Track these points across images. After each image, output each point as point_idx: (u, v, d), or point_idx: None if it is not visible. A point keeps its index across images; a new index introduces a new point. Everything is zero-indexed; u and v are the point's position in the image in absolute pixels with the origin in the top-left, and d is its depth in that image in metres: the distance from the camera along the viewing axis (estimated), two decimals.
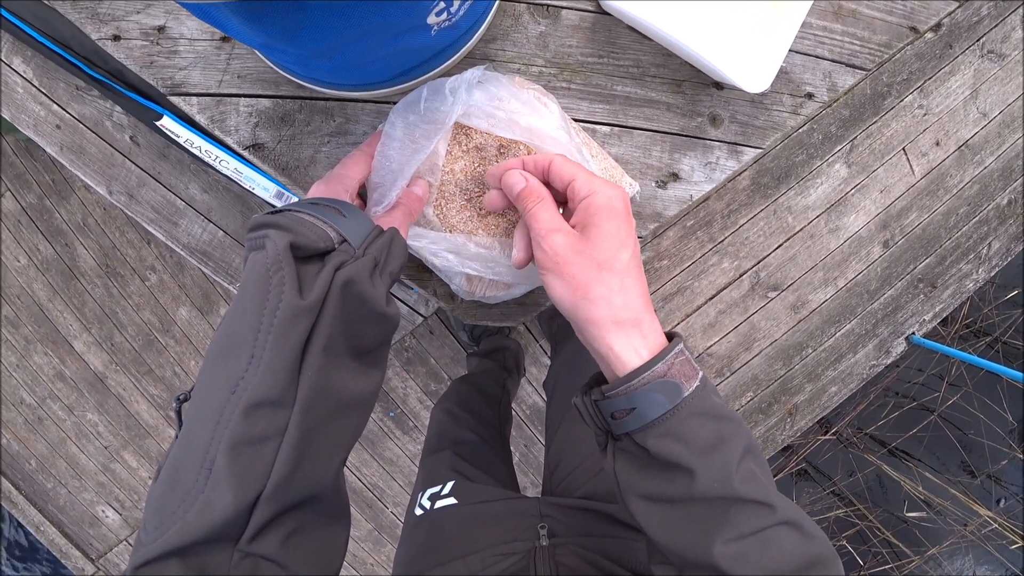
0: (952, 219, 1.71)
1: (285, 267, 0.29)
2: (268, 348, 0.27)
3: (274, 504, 0.27)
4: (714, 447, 0.30)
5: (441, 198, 0.41)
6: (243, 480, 0.26)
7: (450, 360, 1.67)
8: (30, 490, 1.88)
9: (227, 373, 0.28)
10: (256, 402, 0.27)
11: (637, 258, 0.34)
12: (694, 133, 0.50)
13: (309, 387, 0.28)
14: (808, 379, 1.70)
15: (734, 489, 0.29)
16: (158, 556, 0.25)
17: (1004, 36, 1.64)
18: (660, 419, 0.31)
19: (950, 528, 1.90)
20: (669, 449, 0.30)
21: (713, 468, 0.30)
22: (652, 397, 0.31)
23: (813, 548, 0.30)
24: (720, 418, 0.32)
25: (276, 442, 0.27)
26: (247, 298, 0.29)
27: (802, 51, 0.51)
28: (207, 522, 0.26)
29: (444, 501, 0.63)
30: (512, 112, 0.37)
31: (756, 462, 0.32)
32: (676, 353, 0.32)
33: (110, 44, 0.47)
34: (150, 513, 0.27)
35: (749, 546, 0.29)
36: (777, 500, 0.31)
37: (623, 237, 0.33)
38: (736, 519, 0.30)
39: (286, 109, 0.46)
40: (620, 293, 0.32)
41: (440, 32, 0.38)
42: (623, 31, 0.49)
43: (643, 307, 0.33)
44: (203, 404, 0.28)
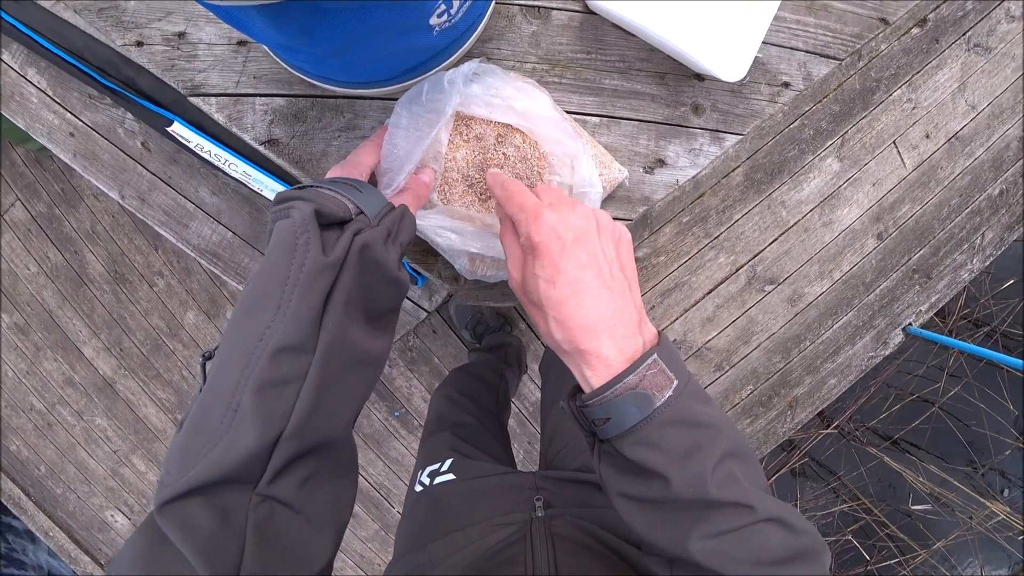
0: (945, 210, 1.73)
1: (311, 230, 0.32)
2: (294, 299, 0.30)
3: (293, 445, 0.29)
4: (689, 454, 0.31)
5: (445, 184, 0.44)
6: (267, 419, 0.28)
7: (453, 359, 1.70)
8: (39, 496, 1.90)
9: (255, 324, 0.30)
10: (281, 347, 0.29)
11: (571, 284, 0.33)
12: (678, 122, 0.53)
13: (329, 337, 0.31)
14: (807, 371, 1.73)
15: (708, 494, 0.31)
16: (182, 494, 0.27)
17: (989, 30, 1.68)
18: (634, 428, 0.32)
19: (955, 521, 1.90)
20: (643, 456, 0.32)
21: (687, 474, 0.31)
22: (624, 408, 0.32)
23: (799, 542, 0.31)
24: (697, 425, 0.32)
25: (297, 385, 0.30)
26: (275, 257, 0.32)
27: (778, 43, 0.54)
28: (231, 460, 0.27)
29: (443, 477, 0.65)
30: (507, 98, 0.41)
31: (740, 465, 0.33)
32: (648, 365, 0.33)
33: (133, 49, 0.50)
34: (174, 456, 0.29)
35: (727, 542, 0.31)
36: (758, 501, 0.31)
37: (547, 273, 0.34)
38: (713, 519, 0.31)
39: (299, 107, 0.50)
40: (557, 329, 0.34)
41: (441, 32, 0.41)
42: (609, 29, 0.52)
43: (585, 335, 0.33)
44: (230, 353, 0.30)
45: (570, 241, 0.34)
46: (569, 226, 0.34)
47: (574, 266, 0.34)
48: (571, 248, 0.34)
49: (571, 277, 0.34)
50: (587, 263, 0.34)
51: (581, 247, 0.34)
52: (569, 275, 0.34)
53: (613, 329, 0.33)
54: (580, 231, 0.34)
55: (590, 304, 0.33)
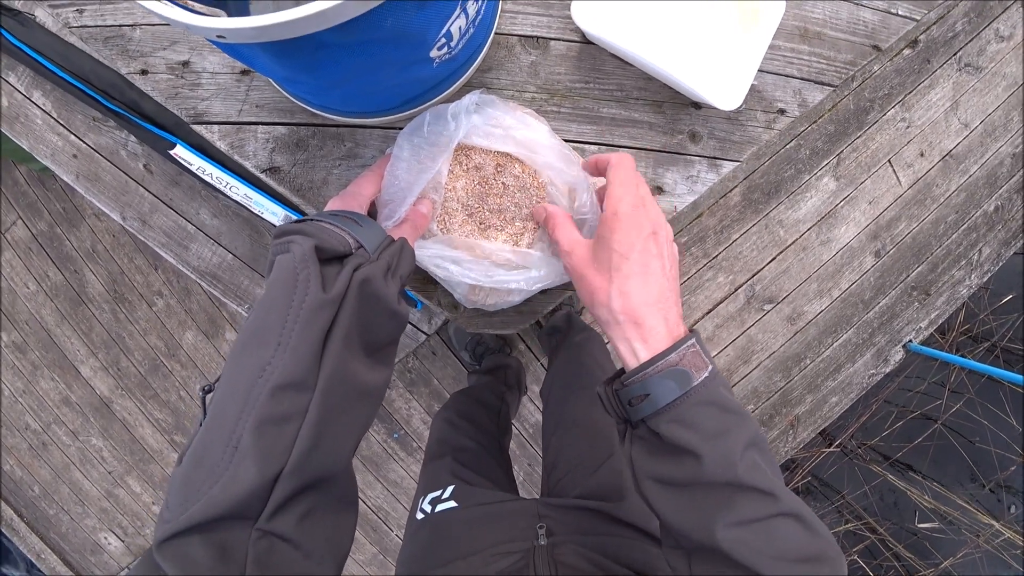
0: (941, 227, 1.74)
1: (311, 266, 0.32)
2: (295, 336, 0.30)
3: (293, 481, 0.29)
4: (719, 435, 0.33)
5: (444, 213, 0.45)
6: (267, 456, 0.28)
7: (453, 380, 1.69)
8: (32, 517, 1.87)
9: (255, 359, 0.30)
10: (282, 384, 0.29)
11: (643, 264, 0.37)
12: (675, 149, 0.54)
13: (329, 373, 0.31)
14: (808, 390, 1.72)
15: (737, 475, 0.32)
16: (181, 531, 0.27)
17: (979, 50, 1.71)
18: (671, 405, 0.34)
19: (962, 539, 1.88)
20: (678, 434, 0.33)
21: (718, 454, 0.32)
22: (664, 383, 0.34)
23: (817, 544, 0.32)
24: (727, 410, 0.34)
25: (298, 422, 0.30)
26: (275, 293, 0.32)
27: (773, 71, 0.55)
28: (231, 496, 0.27)
29: (445, 504, 0.64)
30: (507, 128, 0.41)
31: (762, 455, 0.34)
32: (688, 345, 0.35)
33: (138, 77, 0.51)
34: (174, 491, 0.29)
35: (751, 532, 0.31)
36: (780, 491, 0.32)
37: (624, 248, 0.37)
38: (739, 505, 0.32)
39: (300, 135, 0.50)
40: (619, 298, 0.36)
41: (441, 64, 0.42)
42: (607, 58, 0.53)
43: (644, 309, 0.36)
44: (231, 389, 0.31)
45: (648, 232, 0.38)
46: (651, 219, 0.39)
47: (646, 251, 0.37)
48: (649, 238, 0.38)
49: (644, 259, 0.37)
50: (656, 254, 0.38)
51: (654, 240, 0.38)
52: (642, 257, 0.37)
53: (667, 311, 0.37)
54: (657, 225, 0.39)
55: (653, 285, 0.37)
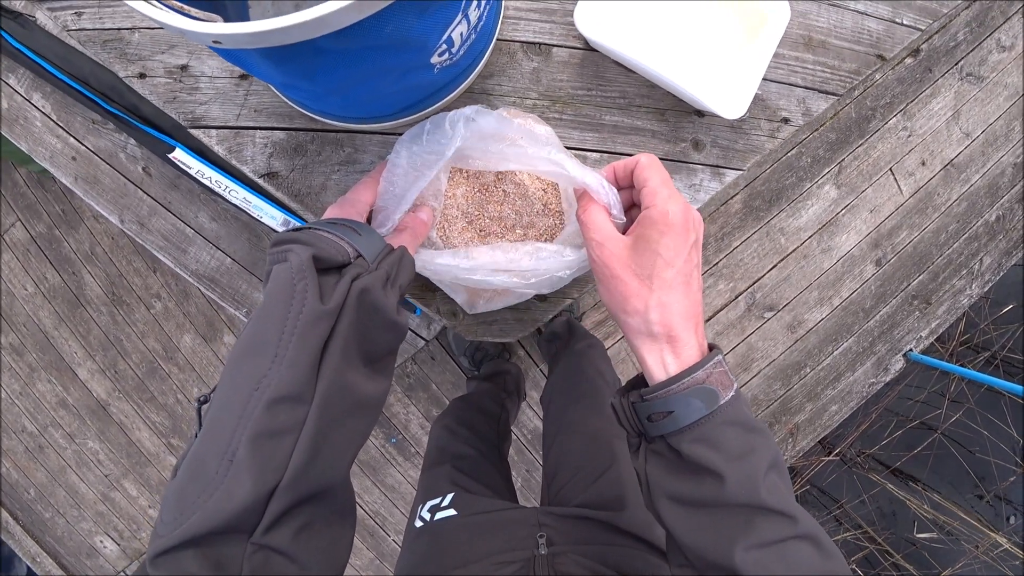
0: (942, 236, 1.74)
1: (308, 276, 0.31)
2: (291, 347, 0.30)
3: (289, 495, 0.29)
4: (744, 456, 0.32)
5: (444, 221, 0.44)
6: (263, 469, 0.28)
7: (451, 386, 1.68)
8: (28, 520, 1.86)
9: (251, 371, 0.30)
10: (278, 397, 0.29)
11: (687, 275, 0.35)
12: (678, 157, 0.53)
13: (327, 385, 0.30)
14: (808, 398, 1.71)
15: (760, 498, 0.31)
16: (176, 546, 0.26)
17: (981, 59, 1.71)
18: (695, 424, 0.32)
19: (961, 549, 1.86)
20: (701, 453, 0.32)
21: (742, 475, 0.31)
22: (690, 402, 0.33)
23: (829, 566, 0.31)
24: (751, 429, 0.33)
25: (295, 435, 0.29)
26: (272, 304, 0.31)
27: (777, 80, 0.55)
28: (227, 510, 0.27)
29: (444, 513, 0.63)
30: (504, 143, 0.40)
31: (780, 476, 0.33)
32: (715, 363, 0.34)
33: (136, 81, 0.50)
34: (168, 505, 0.28)
35: (769, 555, 0.30)
36: (799, 513, 0.32)
37: (671, 254, 0.34)
38: (759, 527, 0.31)
39: (299, 140, 0.50)
40: (657, 310, 0.34)
41: (442, 70, 0.41)
42: (609, 66, 0.53)
43: (682, 324, 0.34)
44: (226, 401, 0.30)
45: (693, 240, 0.36)
46: (695, 226, 0.37)
47: (690, 262, 0.36)
48: (693, 246, 0.36)
49: (687, 269, 0.35)
50: (696, 264, 0.36)
51: (697, 250, 0.37)
52: (687, 266, 0.35)
53: (699, 324, 0.35)
54: (698, 235, 0.37)
55: (693, 298, 0.35)
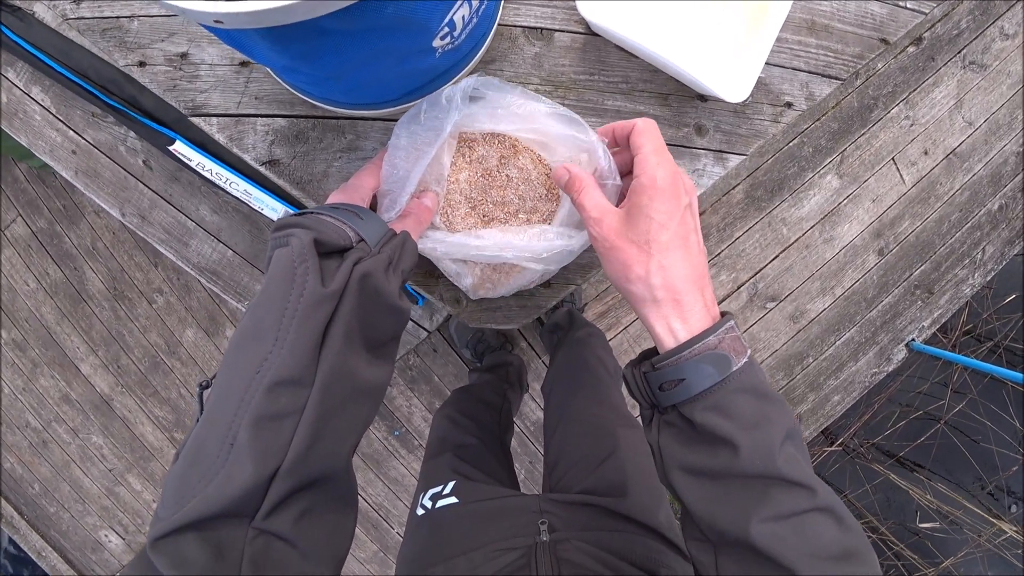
0: (945, 226, 1.74)
1: (309, 259, 0.31)
2: (292, 331, 0.30)
3: (291, 479, 0.29)
4: (758, 424, 0.31)
5: (447, 206, 0.44)
6: (264, 453, 0.28)
7: (454, 378, 1.68)
8: (32, 515, 1.87)
9: (252, 355, 0.30)
10: (278, 381, 0.29)
11: (683, 237, 0.34)
12: (681, 142, 0.53)
13: (328, 369, 0.30)
14: (810, 388, 1.71)
15: (776, 468, 0.30)
16: (176, 529, 0.26)
17: (984, 47, 1.70)
18: (708, 391, 0.32)
19: (964, 538, 1.87)
20: (715, 422, 0.31)
21: (757, 444, 0.30)
22: (702, 368, 0.32)
23: (849, 539, 0.30)
24: (765, 397, 0.32)
25: (295, 419, 0.29)
26: (273, 287, 0.31)
27: (780, 64, 0.54)
28: (227, 494, 0.27)
29: (445, 500, 0.64)
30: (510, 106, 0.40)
31: (796, 446, 0.32)
32: (727, 328, 0.33)
33: (136, 70, 0.50)
34: (169, 489, 0.28)
35: (786, 528, 0.29)
36: (818, 484, 0.31)
37: (663, 218, 0.34)
38: (775, 499, 0.30)
39: (300, 127, 0.50)
40: (658, 273, 0.34)
41: (444, 54, 0.41)
42: (612, 50, 0.52)
43: (685, 286, 0.34)
44: (227, 386, 0.30)
45: (686, 202, 0.36)
46: (688, 190, 0.36)
47: (685, 224, 0.35)
48: (686, 209, 0.35)
49: (682, 231, 0.35)
50: (693, 227, 0.36)
51: (691, 213, 0.36)
52: (682, 229, 0.35)
53: (705, 289, 0.35)
54: (692, 199, 0.36)
55: (694, 260, 0.35)
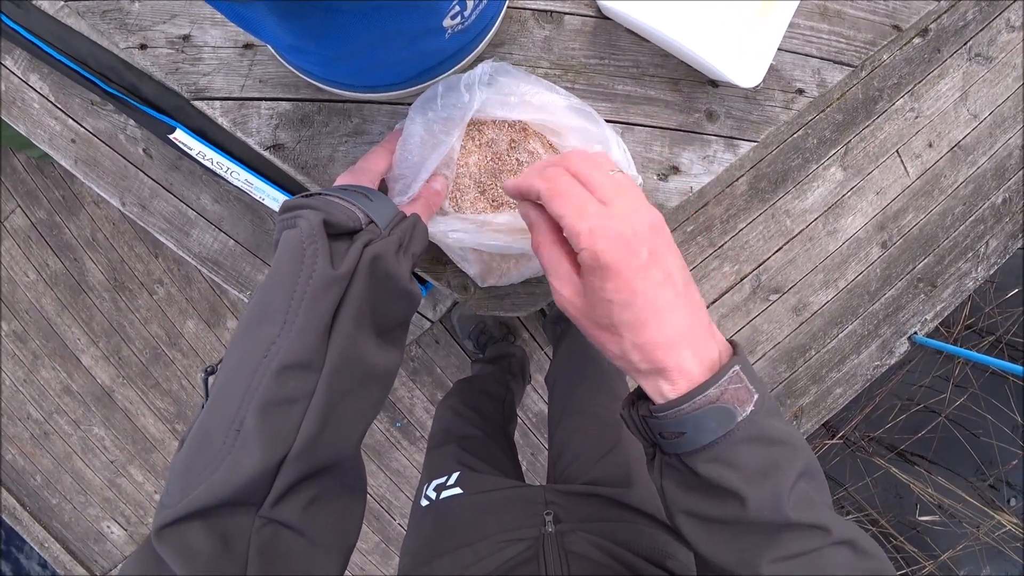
0: (948, 219, 1.73)
1: (319, 241, 0.30)
2: (301, 314, 0.29)
3: (299, 466, 0.28)
4: (766, 473, 0.29)
5: (456, 190, 0.43)
6: (271, 439, 0.27)
7: (456, 369, 1.68)
8: (35, 506, 1.88)
9: (260, 339, 0.29)
10: (287, 365, 0.28)
11: (651, 302, 0.30)
12: (692, 128, 0.52)
13: (337, 354, 0.30)
14: (812, 381, 1.71)
15: (785, 516, 0.29)
16: (181, 517, 0.26)
17: (990, 39, 1.68)
18: (710, 444, 0.29)
19: (963, 531, 1.88)
20: (718, 474, 0.29)
21: (764, 494, 0.29)
22: (703, 422, 0.29)
23: (867, 564, 0.29)
24: (774, 442, 0.30)
25: (304, 404, 0.28)
26: (281, 269, 0.30)
27: (792, 50, 0.53)
28: (234, 482, 0.26)
29: (450, 491, 0.63)
30: (523, 94, 0.40)
31: (812, 484, 0.31)
32: (730, 378, 0.29)
33: (137, 53, 0.49)
34: (174, 476, 0.27)
35: (799, 565, 0.29)
36: (832, 522, 0.30)
37: (622, 297, 0.30)
38: (786, 542, 0.29)
39: (305, 111, 0.49)
40: (634, 352, 0.30)
41: (453, 36, 0.40)
42: (622, 34, 0.51)
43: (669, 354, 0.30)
44: (234, 370, 0.29)
45: (645, 259, 0.30)
46: (641, 238, 0.30)
47: (652, 285, 0.30)
48: (647, 266, 0.30)
49: (650, 297, 0.30)
50: (663, 280, 0.30)
51: (656, 264, 0.30)
52: (648, 296, 0.29)
53: (695, 342, 0.30)
54: (652, 244, 0.30)
55: (671, 321, 0.30)
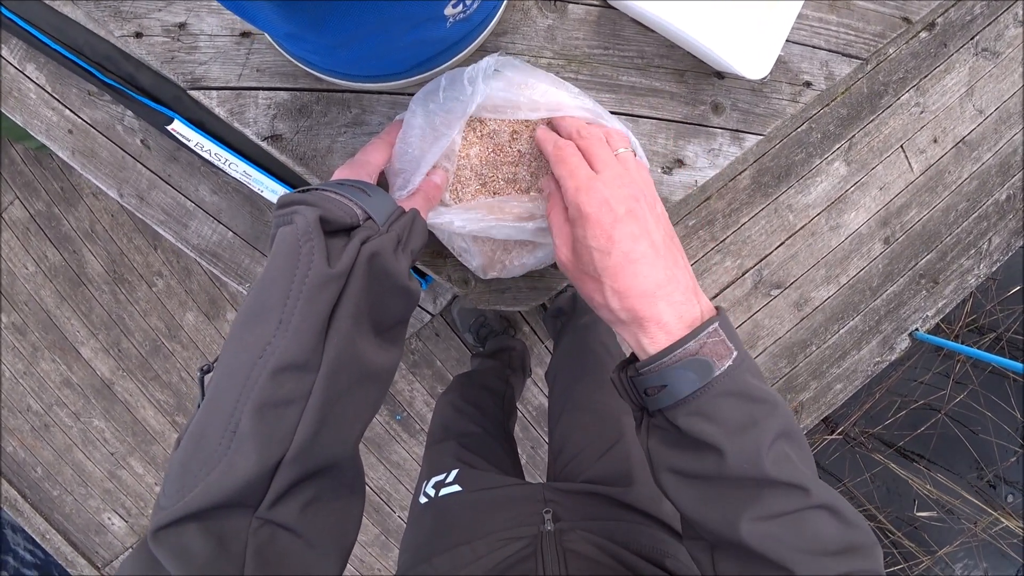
0: (952, 215, 1.72)
1: (315, 238, 0.30)
2: (296, 313, 0.28)
3: (295, 468, 0.28)
4: (745, 428, 0.30)
5: (457, 183, 0.43)
6: (267, 441, 0.27)
7: (456, 362, 1.68)
8: (36, 498, 1.88)
9: (255, 338, 0.28)
10: (283, 365, 0.28)
11: (627, 252, 0.33)
12: (697, 121, 0.51)
13: (335, 354, 0.29)
14: (813, 376, 1.71)
15: (764, 470, 0.29)
16: (177, 519, 0.26)
17: (997, 34, 1.66)
18: (691, 397, 0.31)
19: (960, 527, 1.89)
20: (699, 428, 0.31)
21: (743, 449, 0.30)
22: (682, 374, 0.31)
23: (851, 534, 0.30)
24: (753, 399, 0.31)
25: (300, 406, 0.28)
26: (277, 267, 0.30)
27: (799, 41, 0.52)
28: (229, 484, 0.26)
29: (449, 488, 0.63)
30: (532, 91, 0.39)
31: (793, 445, 0.32)
32: (709, 332, 0.32)
33: (132, 41, 0.48)
34: (171, 477, 0.27)
35: (779, 526, 0.29)
36: (812, 484, 0.30)
37: (602, 243, 0.34)
38: (766, 500, 0.30)
39: (304, 101, 0.48)
40: (613, 298, 0.34)
41: (455, 24, 0.39)
42: (627, 23, 0.50)
43: (645, 303, 0.33)
44: (229, 370, 0.29)
45: (622, 213, 0.34)
46: (620, 199, 0.34)
47: (627, 237, 0.34)
48: (623, 220, 0.34)
49: (626, 247, 0.33)
50: (639, 234, 0.34)
51: (632, 220, 0.34)
52: (624, 245, 0.33)
53: (671, 295, 0.33)
54: (631, 205, 0.35)
55: (647, 272, 0.33)
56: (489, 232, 0.40)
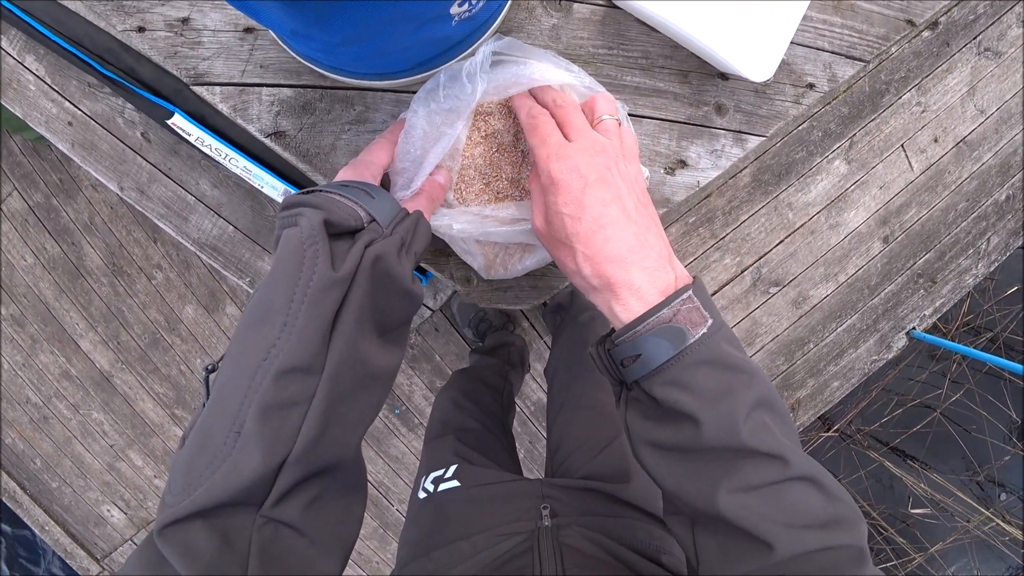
0: (951, 215, 1.72)
1: (319, 241, 0.30)
2: (301, 316, 0.29)
3: (299, 468, 0.28)
4: (721, 397, 0.30)
5: (461, 182, 0.43)
6: (271, 442, 0.27)
7: (455, 357, 1.68)
8: (35, 490, 1.89)
9: (260, 340, 0.29)
10: (287, 368, 0.28)
11: (597, 217, 0.33)
12: (700, 122, 0.52)
13: (338, 356, 0.30)
14: (810, 374, 1.72)
15: (741, 440, 0.29)
16: (183, 517, 0.26)
17: (1000, 34, 1.66)
18: (665, 366, 0.31)
19: (953, 525, 1.90)
20: (674, 397, 0.30)
21: (719, 418, 0.29)
22: (656, 343, 0.31)
23: (833, 508, 0.29)
24: (730, 368, 0.31)
25: (304, 407, 0.29)
26: (281, 270, 0.30)
27: (803, 43, 0.52)
28: (234, 483, 0.26)
29: (447, 484, 0.64)
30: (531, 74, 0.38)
31: (773, 416, 0.31)
32: (683, 300, 0.31)
33: (134, 36, 0.48)
34: (176, 475, 0.28)
35: (758, 498, 0.29)
36: (792, 455, 0.29)
37: (571, 209, 0.33)
38: (743, 470, 0.29)
39: (307, 98, 0.48)
40: (585, 264, 0.33)
41: (460, 23, 0.39)
42: (632, 24, 0.50)
43: (616, 268, 0.32)
44: (234, 371, 0.29)
45: (592, 180, 0.34)
46: (591, 166, 0.34)
47: (598, 203, 0.33)
48: (593, 185, 0.34)
49: (596, 212, 0.33)
50: (610, 200, 0.34)
51: (603, 186, 0.34)
52: (594, 210, 0.33)
53: (643, 261, 0.33)
54: (601, 172, 0.34)
55: (618, 236, 0.33)
56: (488, 236, 0.40)
